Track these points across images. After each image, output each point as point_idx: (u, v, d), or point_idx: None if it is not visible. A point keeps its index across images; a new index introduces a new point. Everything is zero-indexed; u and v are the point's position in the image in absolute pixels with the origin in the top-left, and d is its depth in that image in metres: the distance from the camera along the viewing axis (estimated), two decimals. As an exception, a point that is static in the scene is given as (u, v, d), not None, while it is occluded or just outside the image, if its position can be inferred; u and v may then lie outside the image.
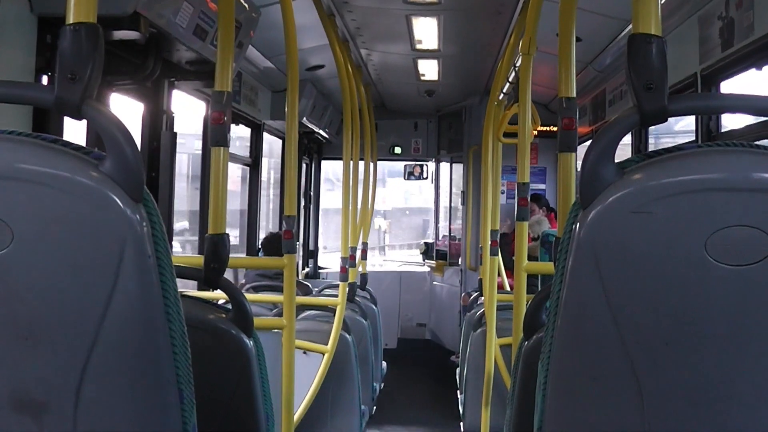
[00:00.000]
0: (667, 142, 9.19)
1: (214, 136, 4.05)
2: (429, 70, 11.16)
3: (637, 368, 2.07)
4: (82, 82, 2.18)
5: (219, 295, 5.32)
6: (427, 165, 15.32)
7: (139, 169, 2.17)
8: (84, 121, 2.27)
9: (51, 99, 2.20)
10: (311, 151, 14.25)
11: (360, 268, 10.81)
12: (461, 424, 9.12)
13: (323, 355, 6.87)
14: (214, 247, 3.95)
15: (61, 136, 3.97)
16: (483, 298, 8.95)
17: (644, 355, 2.06)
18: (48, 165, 2.11)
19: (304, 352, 6.70)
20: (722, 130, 6.15)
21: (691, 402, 2.07)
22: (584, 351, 2.15)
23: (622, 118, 2.14)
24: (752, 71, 5.57)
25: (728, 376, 2.06)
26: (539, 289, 6.63)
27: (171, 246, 7.13)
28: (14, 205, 2.09)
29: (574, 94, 3.77)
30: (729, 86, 6.07)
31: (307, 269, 14.31)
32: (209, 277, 3.89)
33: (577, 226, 2.10)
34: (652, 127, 5.26)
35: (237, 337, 3.61)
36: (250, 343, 3.64)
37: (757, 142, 4.64)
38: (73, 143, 2.21)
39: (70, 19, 2.24)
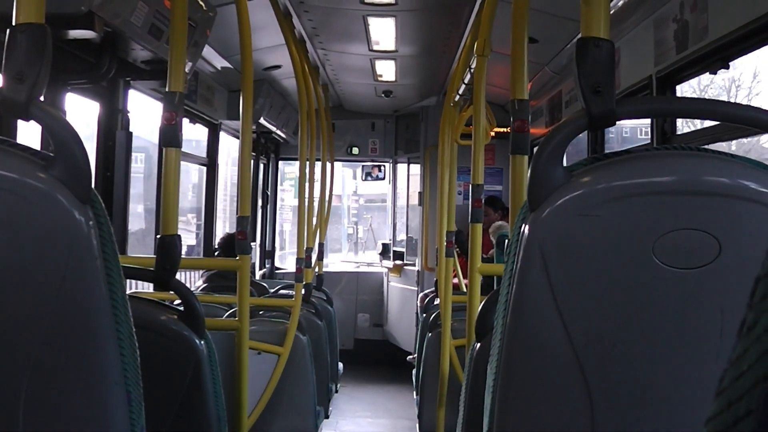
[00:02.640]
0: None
1: (166, 136, 4.03)
2: (386, 70, 11.16)
3: (586, 369, 2.07)
4: (29, 83, 2.17)
5: (173, 296, 5.30)
6: (385, 166, 15.32)
7: (87, 170, 2.17)
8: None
9: None
10: (268, 151, 14.21)
11: (316, 269, 10.81)
12: (417, 424, 9.13)
13: (278, 356, 6.86)
14: (165, 247, 3.93)
15: (14, 138, 3.94)
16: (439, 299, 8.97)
17: (592, 356, 2.07)
18: None
19: (258, 353, 6.68)
20: (678, 133, 6.19)
21: (639, 403, 2.09)
22: (533, 352, 2.15)
23: (571, 121, 2.15)
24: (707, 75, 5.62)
25: (676, 377, 2.08)
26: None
27: (126, 246, 7.13)
28: None
29: (527, 96, 3.78)
30: (685, 89, 6.10)
31: (263, 270, 14.27)
32: (160, 278, 3.86)
33: (526, 228, 2.11)
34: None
35: (188, 338, 3.59)
36: (201, 344, 3.62)
37: (710, 145, 4.66)
38: (20, 144, 2.20)
39: (18, 19, 2.23)
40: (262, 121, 11.12)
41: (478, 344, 3.45)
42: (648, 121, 6.82)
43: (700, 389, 2.06)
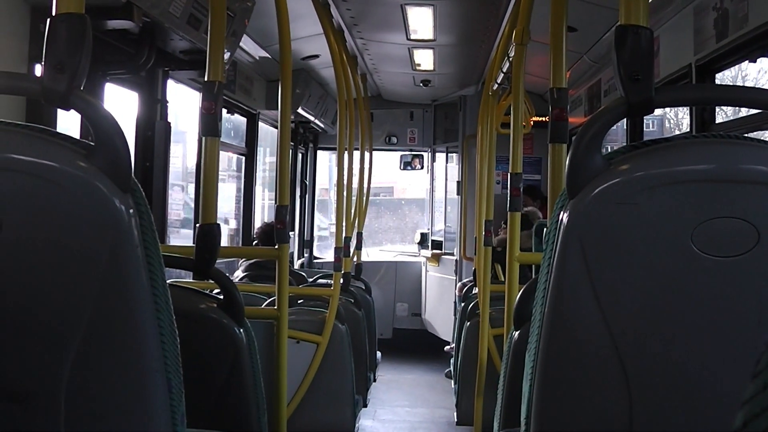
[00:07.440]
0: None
1: (205, 126, 4.05)
2: (424, 60, 11.11)
3: (624, 358, 2.07)
4: (70, 73, 2.18)
5: (213, 285, 5.32)
6: (423, 155, 15.29)
7: (127, 159, 2.18)
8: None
9: (38, 89, 2.20)
10: (307, 140, 14.22)
11: (355, 258, 10.81)
12: (455, 413, 9.13)
13: (317, 344, 6.89)
14: (204, 236, 3.95)
15: (54, 127, 3.96)
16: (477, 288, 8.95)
17: (630, 344, 2.07)
18: (36, 155, 2.11)
19: (297, 342, 6.71)
20: (717, 121, 6.15)
21: (676, 391, 2.08)
22: (571, 340, 2.15)
23: (609, 109, 2.14)
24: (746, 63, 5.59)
25: (713, 366, 2.07)
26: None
27: (165, 235, 7.16)
28: (2, 194, 2.09)
29: (565, 85, 3.77)
30: (724, 77, 6.06)
31: (302, 259, 14.29)
32: (200, 266, 3.88)
33: (564, 216, 2.10)
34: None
35: (227, 326, 3.61)
36: (240, 332, 3.64)
37: (751, 134, 4.62)
38: (61, 134, 2.21)
39: (58, 9, 2.24)
40: (300, 110, 11.14)
41: (517, 333, 3.45)
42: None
43: (737, 376, 2.05)
